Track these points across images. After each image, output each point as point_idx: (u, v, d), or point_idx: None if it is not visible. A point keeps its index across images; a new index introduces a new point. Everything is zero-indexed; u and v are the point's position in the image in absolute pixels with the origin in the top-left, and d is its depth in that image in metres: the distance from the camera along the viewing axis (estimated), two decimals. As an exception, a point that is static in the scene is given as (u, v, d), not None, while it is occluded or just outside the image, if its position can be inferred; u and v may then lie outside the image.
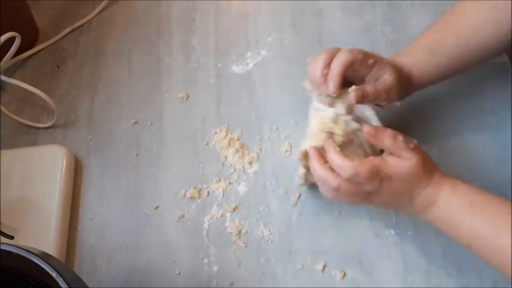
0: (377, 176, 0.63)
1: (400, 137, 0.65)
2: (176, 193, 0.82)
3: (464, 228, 0.62)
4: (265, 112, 0.87)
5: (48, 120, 0.90)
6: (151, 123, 0.89)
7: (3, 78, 0.88)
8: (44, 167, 0.84)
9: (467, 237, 0.63)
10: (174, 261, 0.77)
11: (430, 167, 0.65)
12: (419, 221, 0.75)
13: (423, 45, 0.74)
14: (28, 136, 0.91)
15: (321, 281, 0.73)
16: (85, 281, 0.58)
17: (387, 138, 0.64)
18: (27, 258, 0.52)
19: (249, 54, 0.93)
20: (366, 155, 0.68)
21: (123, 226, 0.81)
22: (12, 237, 0.77)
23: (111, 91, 0.94)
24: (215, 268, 0.76)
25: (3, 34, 0.82)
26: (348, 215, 0.77)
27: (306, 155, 0.69)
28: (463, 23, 0.72)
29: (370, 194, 0.65)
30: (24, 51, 0.97)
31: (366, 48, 0.89)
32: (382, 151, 0.67)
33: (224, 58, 0.94)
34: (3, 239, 0.76)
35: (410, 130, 0.82)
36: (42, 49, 1.00)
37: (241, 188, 0.81)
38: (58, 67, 0.97)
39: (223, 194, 0.81)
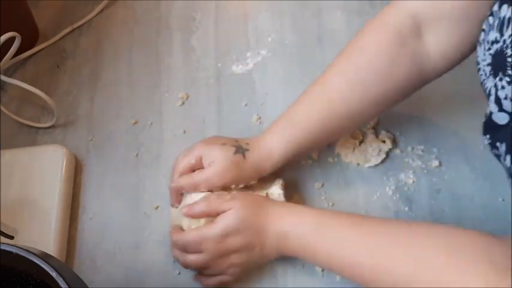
0: (205, 236, 0.66)
1: (212, 197, 0.69)
2: (176, 193, 0.82)
3: (318, 249, 0.64)
4: (265, 112, 0.87)
5: (48, 120, 0.90)
6: (151, 123, 0.89)
7: (3, 78, 0.88)
8: (44, 167, 0.83)
9: (322, 257, 0.64)
10: (174, 261, 0.77)
11: (259, 206, 0.67)
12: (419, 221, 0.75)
13: (286, 119, 0.73)
14: (28, 136, 0.91)
15: (321, 281, 0.72)
16: (85, 281, 0.58)
17: (200, 206, 0.68)
18: (27, 258, 0.52)
19: (249, 54, 0.94)
20: None
21: (123, 226, 0.81)
22: (12, 237, 0.76)
23: (111, 91, 0.94)
24: (215, 268, 0.76)
25: (3, 34, 0.82)
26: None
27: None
28: (329, 91, 0.71)
29: (220, 258, 0.67)
30: (24, 51, 0.97)
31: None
32: None
33: (224, 58, 0.94)
34: (3, 239, 0.75)
35: (410, 130, 0.82)
36: (42, 49, 1.00)
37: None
38: (58, 67, 0.97)
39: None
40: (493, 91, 0.55)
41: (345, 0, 0.96)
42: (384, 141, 0.81)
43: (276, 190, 0.74)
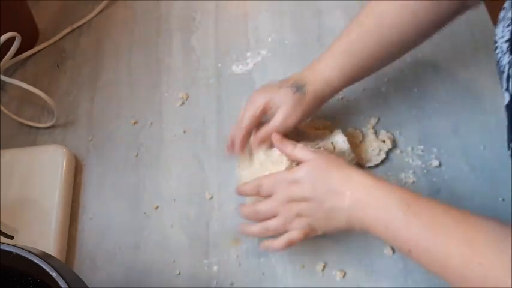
0: (278, 181, 0.68)
1: (300, 145, 0.70)
2: (176, 193, 0.83)
3: (401, 235, 0.59)
4: (265, 112, 0.87)
5: (48, 120, 0.90)
6: (151, 123, 0.89)
7: (4, 78, 0.88)
8: (44, 167, 0.84)
9: (404, 244, 0.60)
10: (174, 261, 0.77)
11: (338, 164, 0.66)
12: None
13: (339, 49, 0.75)
14: (28, 136, 0.91)
15: (321, 281, 0.73)
16: (85, 281, 0.58)
17: (289, 147, 0.71)
18: (27, 258, 0.52)
19: (249, 54, 0.94)
20: None
21: (123, 226, 0.81)
22: (12, 237, 0.77)
23: (111, 91, 0.94)
24: (215, 268, 0.76)
25: (3, 34, 0.82)
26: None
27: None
28: (379, 20, 0.73)
29: (303, 216, 0.67)
30: (24, 51, 0.97)
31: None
32: None
33: (224, 58, 0.94)
34: (3, 239, 0.76)
35: (410, 130, 0.82)
36: (42, 49, 1.00)
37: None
38: (58, 67, 0.98)
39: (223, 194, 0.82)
40: (506, 68, 0.55)
41: (344, 0, 0.96)
42: (383, 141, 0.81)
43: (339, 138, 0.77)
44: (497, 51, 0.58)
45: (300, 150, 0.70)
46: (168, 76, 0.94)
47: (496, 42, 0.59)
